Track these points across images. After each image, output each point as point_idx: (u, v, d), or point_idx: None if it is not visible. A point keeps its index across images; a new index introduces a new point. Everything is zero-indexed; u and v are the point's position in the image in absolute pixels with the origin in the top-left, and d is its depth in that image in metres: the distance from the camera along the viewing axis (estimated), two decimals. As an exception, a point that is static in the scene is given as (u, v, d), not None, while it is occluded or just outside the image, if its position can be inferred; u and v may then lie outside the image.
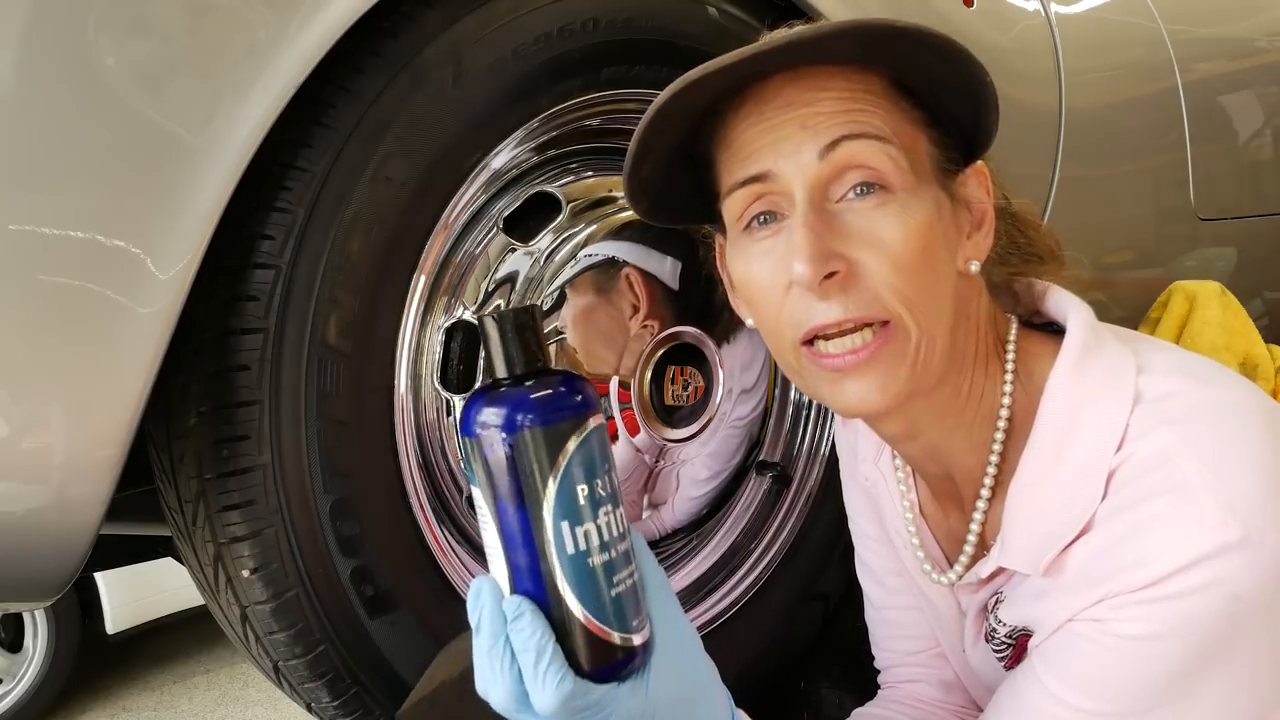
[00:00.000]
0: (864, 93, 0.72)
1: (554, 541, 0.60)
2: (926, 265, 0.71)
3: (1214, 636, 0.66)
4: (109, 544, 1.53)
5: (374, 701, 0.95)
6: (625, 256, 1.14)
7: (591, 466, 0.60)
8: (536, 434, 0.59)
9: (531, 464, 0.59)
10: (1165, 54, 1.82)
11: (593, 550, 0.60)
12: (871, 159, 0.71)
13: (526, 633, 0.59)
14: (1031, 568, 0.74)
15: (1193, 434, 0.69)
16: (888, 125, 0.72)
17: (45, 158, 0.73)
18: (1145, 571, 0.66)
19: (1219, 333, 1.46)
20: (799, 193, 0.71)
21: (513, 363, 0.61)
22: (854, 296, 0.70)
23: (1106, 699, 0.69)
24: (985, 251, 0.78)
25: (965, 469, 0.81)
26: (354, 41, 0.86)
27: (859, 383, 0.72)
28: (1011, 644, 0.82)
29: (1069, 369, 0.75)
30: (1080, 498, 0.71)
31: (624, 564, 0.61)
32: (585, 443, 0.60)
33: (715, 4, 1.12)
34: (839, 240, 0.70)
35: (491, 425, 0.60)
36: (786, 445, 1.34)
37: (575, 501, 0.60)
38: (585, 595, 0.60)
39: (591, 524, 0.60)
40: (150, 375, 0.78)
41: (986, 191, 0.78)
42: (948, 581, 0.86)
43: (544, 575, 0.60)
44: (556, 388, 0.61)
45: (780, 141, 0.72)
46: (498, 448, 0.60)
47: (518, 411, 0.59)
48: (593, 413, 0.61)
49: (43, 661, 3.00)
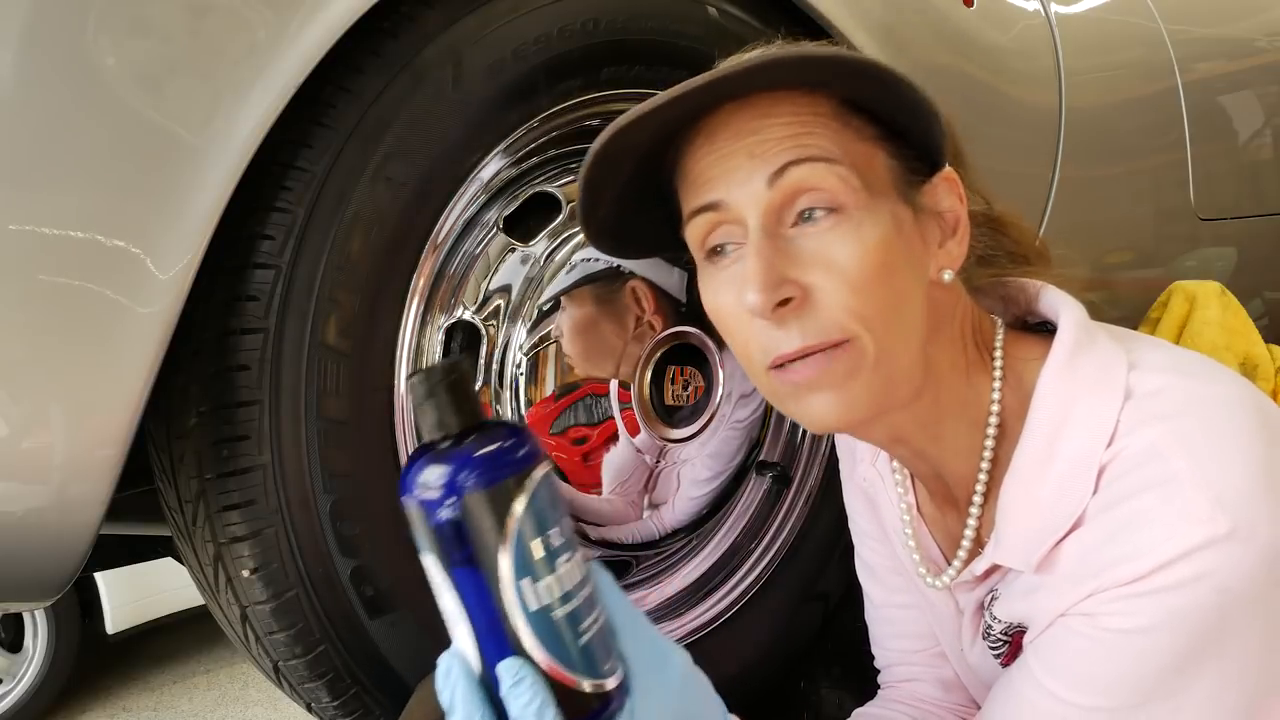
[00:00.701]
0: (811, 115, 0.72)
1: (515, 601, 0.57)
2: (884, 282, 0.71)
3: (1204, 629, 0.66)
4: (109, 544, 1.53)
5: (374, 701, 0.95)
6: (631, 267, 1.14)
7: (543, 519, 0.58)
8: (482, 495, 0.56)
9: (481, 526, 0.56)
10: (1165, 54, 1.82)
11: (555, 603, 0.58)
12: (820, 181, 0.71)
13: (527, 697, 0.57)
14: (1024, 564, 0.75)
15: (1183, 428, 0.69)
16: (837, 145, 0.72)
17: (45, 158, 0.73)
18: (1135, 565, 0.67)
19: (1219, 333, 1.46)
20: (751, 221, 0.72)
21: (446, 422, 0.58)
22: (810, 322, 0.70)
23: (1099, 693, 0.69)
24: (959, 259, 0.77)
25: (956, 473, 0.82)
26: (354, 41, 0.86)
27: (819, 397, 0.72)
28: (1008, 640, 0.83)
29: (1060, 366, 0.75)
30: (1071, 493, 0.72)
31: (588, 610, 0.60)
32: (534, 497, 0.57)
33: (715, 4, 1.12)
34: (792, 266, 0.70)
35: (434, 489, 0.57)
36: (786, 445, 1.34)
37: (531, 557, 0.57)
38: (553, 648, 0.58)
39: (551, 577, 0.57)
40: (150, 375, 0.78)
41: (959, 198, 0.78)
42: (942, 585, 0.86)
43: (508, 635, 0.58)
44: (497, 443, 0.58)
45: (730, 172, 0.72)
46: (444, 513, 0.57)
47: (459, 472, 0.56)
48: (537, 464, 0.58)
49: (43, 661, 3.01)
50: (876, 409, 0.73)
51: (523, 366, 1.06)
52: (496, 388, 1.06)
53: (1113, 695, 0.69)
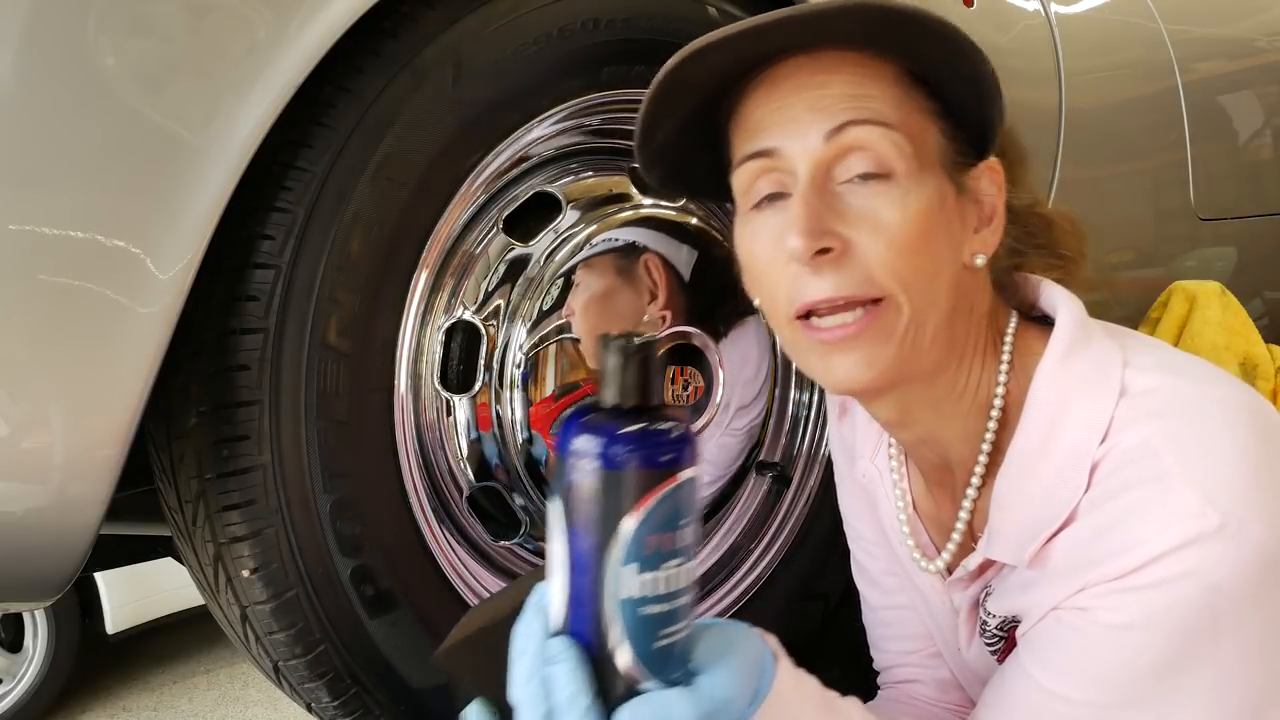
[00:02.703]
0: (875, 79, 0.73)
1: (614, 581, 0.58)
2: (923, 250, 0.72)
3: (1195, 628, 0.66)
4: (109, 544, 1.53)
5: (374, 701, 0.95)
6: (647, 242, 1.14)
7: (672, 518, 0.59)
8: (629, 473, 0.57)
9: (615, 500, 0.57)
10: (1165, 54, 1.82)
11: (650, 599, 0.58)
12: (875, 144, 0.72)
13: (561, 681, 0.58)
14: (1016, 559, 0.75)
15: (1176, 426, 0.69)
16: (895, 113, 0.73)
17: (46, 158, 0.73)
18: (1125, 559, 0.67)
19: (1219, 333, 1.46)
20: (802, 171, 0.72)
21: (626, 393, 0.59)
22: (847, 274, 0.71)
23: (1089, 688, 0.69)
24: (993, 247, 0.78)
25: (959, 457, 0.82)
26: (354, 41, 0.86)
27: (846, 358, 0.73)
28: (1003, 636, 0.83)
29: (1056, 362, 0.76)
30: (1064, 489, 0.72)
31: (679, 618, 0.60)
32: (674, 492, 0.58)
33: (715, 4, 1.12)
34: (837, 219, 0.71)
35: (587, 452, 0.58)
36: (786, 446, 1.34)
37: (645, 549, 0.58)
38: (632, 640, 0.59)
39: (656, 574, 0.58)
40: (150, 375, 0.78)
41: (998, 188, 0.79)
42: (936, 569, 0.86)
43: (595, 610, 0.59)
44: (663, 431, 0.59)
45: (788, 121, 0.73)
46: (587, 475, 0.58)
47: (617, 445, 0.57)
48: (690, 463, 0.59)
49: (43, 661, 3.00)
50: (898, 376, 0.74)
51: (523, 366, 1.06)
52: (496, 388, 1.06)
53: (1103, 690, 0.69)
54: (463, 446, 1.06)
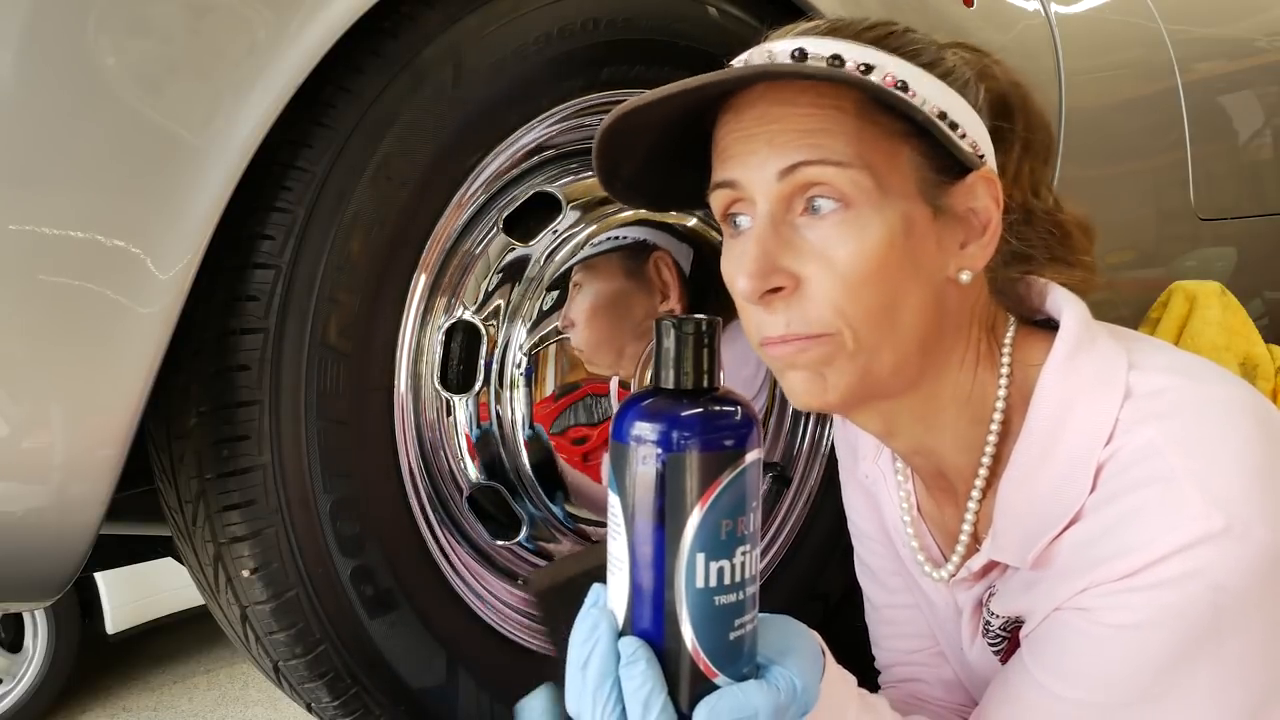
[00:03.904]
0: (834, 110, 0.72)
1: (685, 572, 0.56)
2: (877, 284, 0.71)
3: (1199, 628, 0.66)
4: (109, 544, 1.53)
5: (374, 701, 0.95)
6: (657, 241, 1.14)
7: (740, 502, 0.57)
8: (694, 458, 0.55)
9: (681, 487, 0.56)
10: (1165, 54, 1.82)
11: (722, 588, 0.57)
12: (830, 180, 0.71)
13: (638, 681, 0.56)
14: (1020, 560, 0.75)
15: (1181, 428, 0.69)
16: (853, 145, 0.71)
17: (45, 158, 0.73)
18: (1130, 560, 0.67)
19: (1219, 333, 1.46)
20: (760, 205, 0.73)
21: (684, 376, 0.57)
22: (797, 313, 0.72)
23: (1091, 688, 0.69)
24: (982, 261, 0.77)
25: (956, 467, 0.82)
26: (354, 41, 0.86)
27: (798, 376, 0.75)
28: (1006, 636, 0.83)
29: (1060, 364, 0.76)
30: (1069, 490, 0.72)
31: (749, 608, 0.59)
32: (740, 476, 0.57)
33: (715, 4, 1.12)
34: (790, 256, 0.72)
35: (649, 438, 0.56)
36: (786, 445, 1.34)
37: (716, 535, 0.56)
38: (704, 633, 0.57)
39: (727, 561, 0.57)
40: (150, 375, 0.78)
41: (994, 200, 0.76)
42: (943, 577, 0.86)
43: (665, 604, 0.57)
44: (726, 413, 0.57)
45: (748, 155, 0.73)
46: (650, 462, 0.56)
47: (680, 429, 0.56)
48: (755, 446, 0.58)
49: (43, 661, 3.00)
50: (853, 397, 0.75)
51: (523, 366, 1.06)
52: (496, 388, 1.06)
53: (1105, 690, 0.69)
54: (463, 446, 1.06)
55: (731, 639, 0.58)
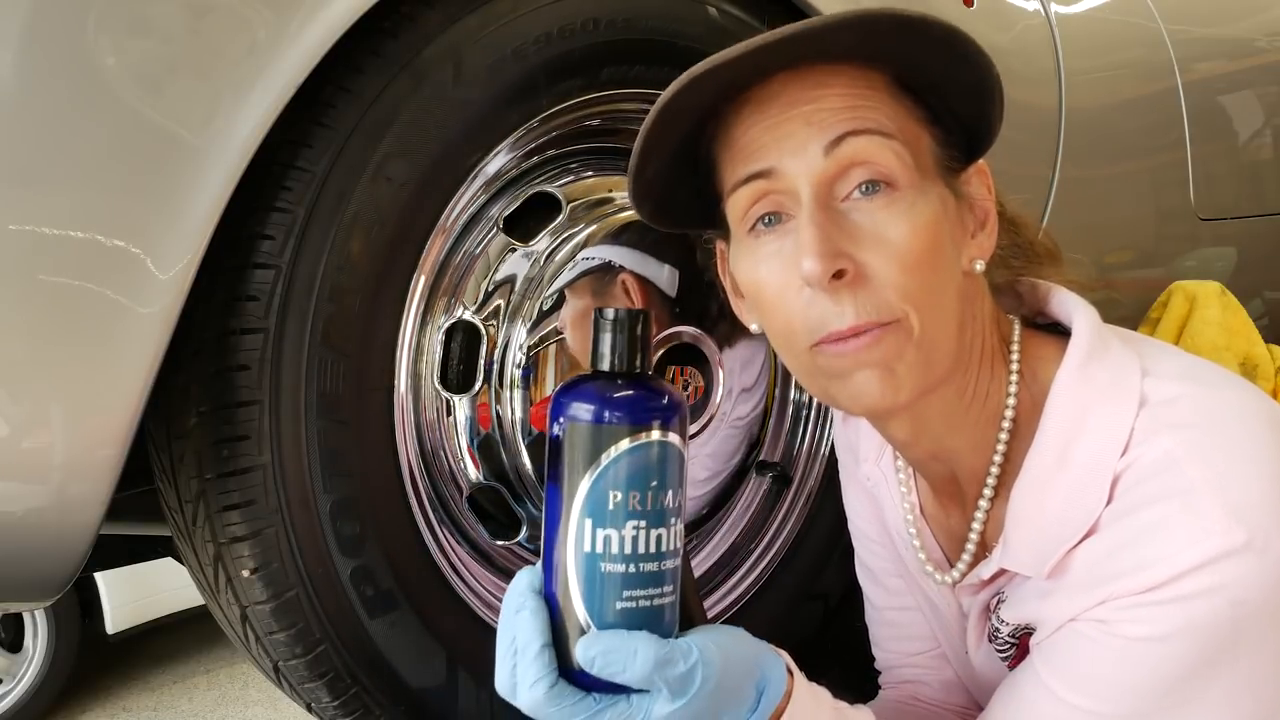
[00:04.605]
0: (867, 89, 0.71)
1: (574, 535, 0.61)
2: (933, 264, 0.71)
3: (1218, 640, 0.66)
4: (109, 544, 1.53)
5: (374, 701, 0.95)
6: (622, 261, 1.14)
7: (638, 477, 0.60)
8: (590, 429, 0.61)
9: (575, 455, 0.61)
10: (1165, 54, 1.82)
11: (608, 557, 0.60)
12: (877, 155, 0.70)
13: (520, 628, 0.61)
14: (1035, 570, 0.74)
15: (1198, 438, 0.69)
16: (892, 120, 0.71)
17: (45, 158, 0.73)
18: (1150, 574, 0.66)
19: (1219, 333, 1.46)
20: (804, 190, 0.70)
21: (599, 359, 0.63)
22: (863, 299, 0.69)
23: (1107, 699, 0.69)
24: (989, 251, 0.77)
25: (969, 468, 0.81)
26: (354, 41, 0.86)
27: (867, 377, 0.71)
28: (1015, 643, 0.82)
29: (1074, 371, 0.75)
30: (1084, 501, 0.71)
31: (647, 584, 0.61)
32: (636, 451, 0.60)
33: (715, 4, 1.12)
34: (846, 240, 0.69)
35: (558, 410, 0.62)
36: (786, 445, 1.34)
37: (605, 504, 0.60)
38: (589, 596, 0.61)
39: (614, 531, 0.60)
40: (150, 375, 0.78)
41: (989, 190, 0.78)
42: (949, 581, 0.86)
43: (556, 562, 0.62)
44: (631, 392, 0.62)
45: (784, 139, 0.71)
46: (554, 429, 0.62)
47: (579, 401, 0.61)
48: (656, 427, 0.61)
49: (43, 661, 3.00)
50: (918, 390, 0.72)
51: (523, 366, 1.06)
52: (496, 387, 1.06)
53: (1117, 701, 0.69)
54: (463, 446, 1.06)
55: (620, 608, 0.61)
